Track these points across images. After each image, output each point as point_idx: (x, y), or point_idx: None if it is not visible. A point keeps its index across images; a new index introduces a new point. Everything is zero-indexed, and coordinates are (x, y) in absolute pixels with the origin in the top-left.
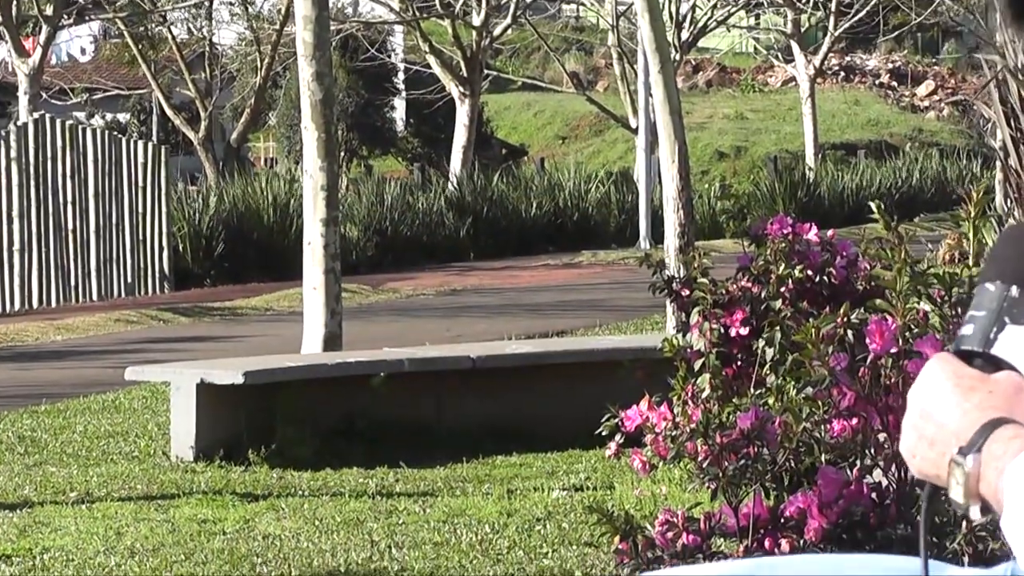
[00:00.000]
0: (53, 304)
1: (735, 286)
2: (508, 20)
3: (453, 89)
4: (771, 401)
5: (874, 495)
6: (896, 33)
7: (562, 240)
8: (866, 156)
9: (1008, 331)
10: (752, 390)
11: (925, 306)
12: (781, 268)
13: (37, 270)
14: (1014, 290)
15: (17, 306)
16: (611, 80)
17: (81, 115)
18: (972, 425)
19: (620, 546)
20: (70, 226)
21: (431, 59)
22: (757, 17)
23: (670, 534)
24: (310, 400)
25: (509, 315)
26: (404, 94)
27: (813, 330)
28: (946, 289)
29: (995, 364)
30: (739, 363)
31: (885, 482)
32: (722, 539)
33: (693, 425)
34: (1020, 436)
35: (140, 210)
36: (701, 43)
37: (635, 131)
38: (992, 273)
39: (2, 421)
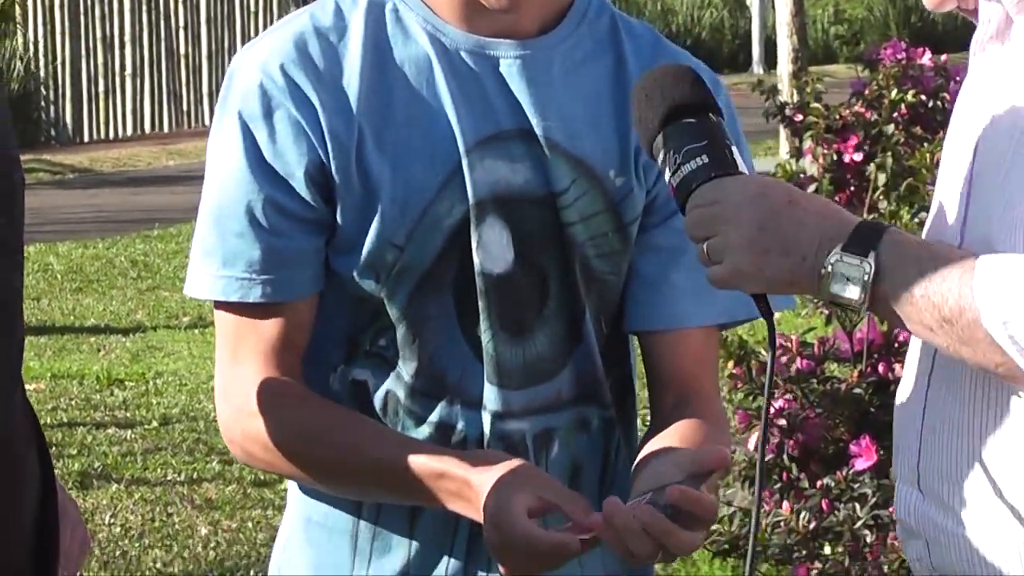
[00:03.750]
0: (165, 129)
1: (848, 111)
2: None
3: None
4: None
5: None
6: None
7: None
8: None
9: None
10: (866, 215)
11: None
12: (894, 93)
13: (149, 95)
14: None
15: (129, 131)
16: None
17: None
18: (832, 229)
19: (734, 371)
20: (182, 51)
21: None
22: None
23: (784, 359)
24: None
25: None
26: None
27: (927, 155)
28: None
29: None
30: (852, 188)
31: None
32: (835, 364)
33: None
34: (913, 240)
35: (252, 35)
36: None
37: None
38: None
39: (115, 246)
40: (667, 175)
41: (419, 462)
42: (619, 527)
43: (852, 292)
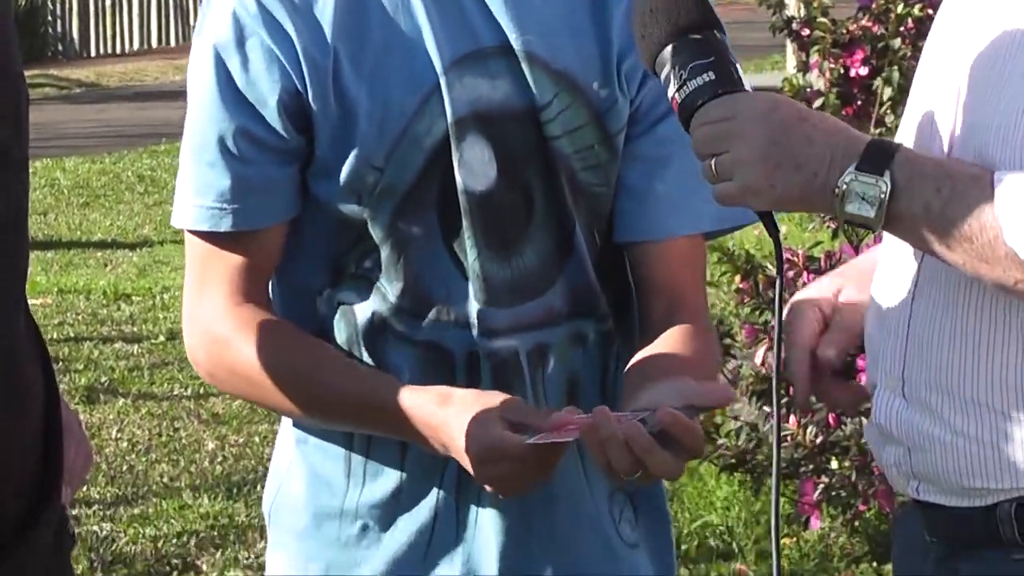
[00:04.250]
0: (171, 43)
1: (855, 26)
2: None
3: None
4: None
5: None
6: None
7: None
8: None
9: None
10: (872, 129)
11: None
12: (901, 7)
13: (156, 9)
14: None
15: (136, 46)
16: None
17: None
18: (842, 147)
19: (741, 285)
20: None
21: None
22: None
23: (791, 273)
24: None
25: None
26: None
27: None
28: None
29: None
30: (859, 103)
31: None
32: None
33: None
34: (925, 159)
35: None
36: None
37: None
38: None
39: (122, 161)
40: (671, 91)
41: (378, 399)
42: (602, 436)
43: (868, 211)
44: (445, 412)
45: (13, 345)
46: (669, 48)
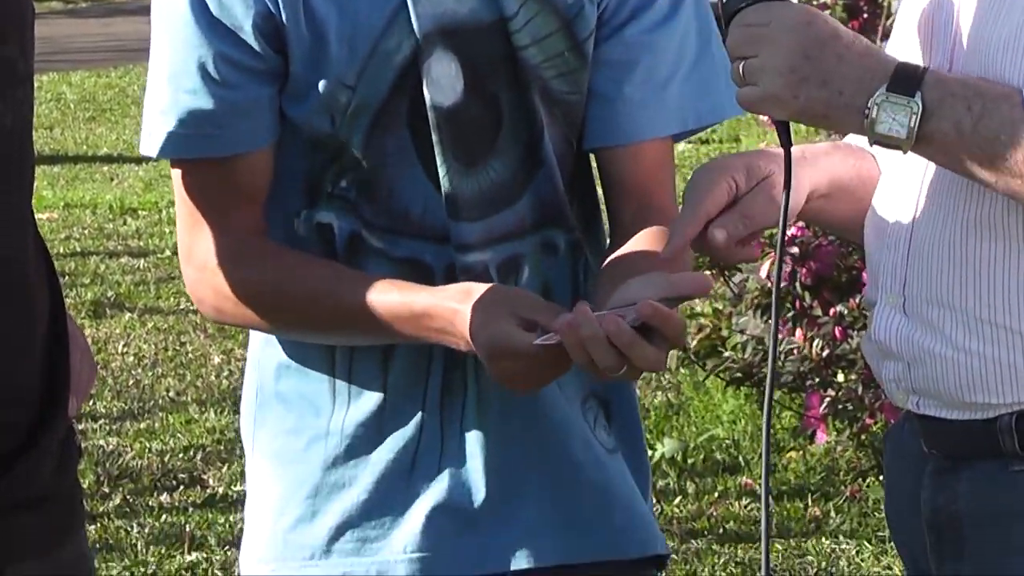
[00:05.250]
0: None
1: None
2: None
3: None
4: None
5: None
6: None
7: None
8: None
9: None
10: (879, 43)
11: None
12: None
13: None
14: None
15: None
16: None
17: None
18: (870, 69)
19: None
20: None
21: None
22: None
23: None
24: None
25: None
26: None
27: None
28: None
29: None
30: (865, 16)
31: None
32: None
33: None
34: (954, 78)
35: None
36: None
37: None
38: None
39: (128, 75)
40: None
41: (397, 304)
42: (584, 336)
43: (900, 131)
44: (464, 308)
45: (21, 259)
46: None
